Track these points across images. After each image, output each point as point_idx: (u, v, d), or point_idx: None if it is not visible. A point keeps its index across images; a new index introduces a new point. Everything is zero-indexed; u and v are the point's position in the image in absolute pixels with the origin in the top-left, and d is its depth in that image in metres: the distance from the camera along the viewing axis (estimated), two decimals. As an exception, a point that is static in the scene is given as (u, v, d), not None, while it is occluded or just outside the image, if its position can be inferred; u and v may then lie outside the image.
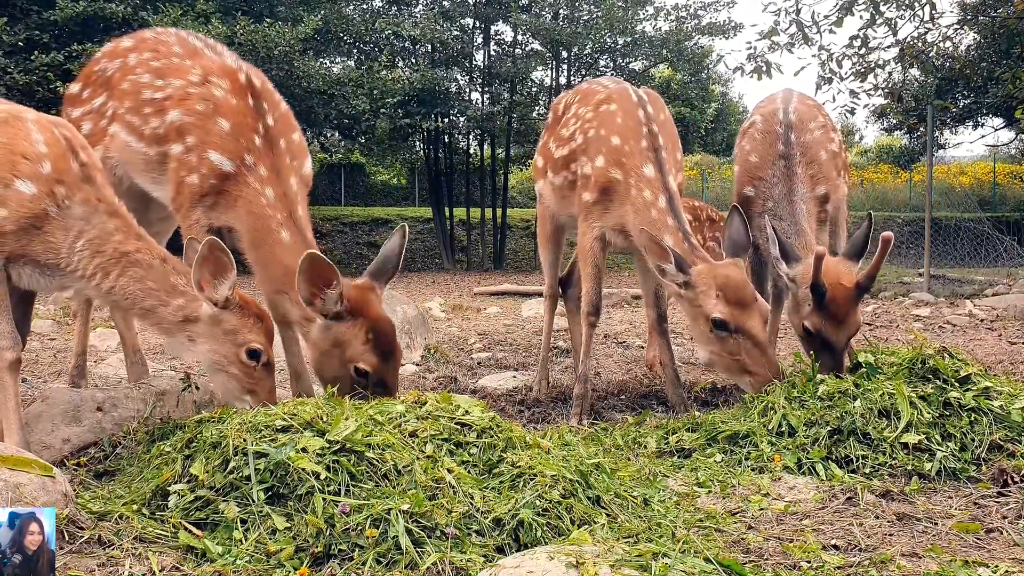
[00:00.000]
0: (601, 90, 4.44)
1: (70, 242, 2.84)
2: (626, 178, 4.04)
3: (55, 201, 2.82)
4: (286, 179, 3.44)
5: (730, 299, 3.60)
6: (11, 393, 2.83)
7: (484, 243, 21.47)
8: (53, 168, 2.82)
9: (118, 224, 2.90)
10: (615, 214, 4.10)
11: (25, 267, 2.86)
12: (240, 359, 2.96)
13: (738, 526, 2.54)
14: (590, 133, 4.23)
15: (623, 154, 4.07)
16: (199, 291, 2.89)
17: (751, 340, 3.60)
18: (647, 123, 4.12)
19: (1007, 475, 2.86)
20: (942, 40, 12.40)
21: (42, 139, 2.84)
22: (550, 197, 4.65)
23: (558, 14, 20.43)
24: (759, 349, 3.60)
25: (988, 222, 15.59)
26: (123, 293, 2.90)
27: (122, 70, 3.77)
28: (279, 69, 14.44)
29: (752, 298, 3.63)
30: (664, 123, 4.24)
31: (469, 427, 2.65)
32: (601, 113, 4.26)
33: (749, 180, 4.34)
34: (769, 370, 3.58)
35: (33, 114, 2.97)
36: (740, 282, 3.65)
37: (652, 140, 4.07)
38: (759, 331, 3.61)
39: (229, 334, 2.95)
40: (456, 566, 2.12)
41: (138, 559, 2.18)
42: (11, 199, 2.76)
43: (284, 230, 3.35)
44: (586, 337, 4.27)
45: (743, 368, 3.65)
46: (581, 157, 4.25)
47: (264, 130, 3.47)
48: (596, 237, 4.19)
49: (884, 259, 3.65)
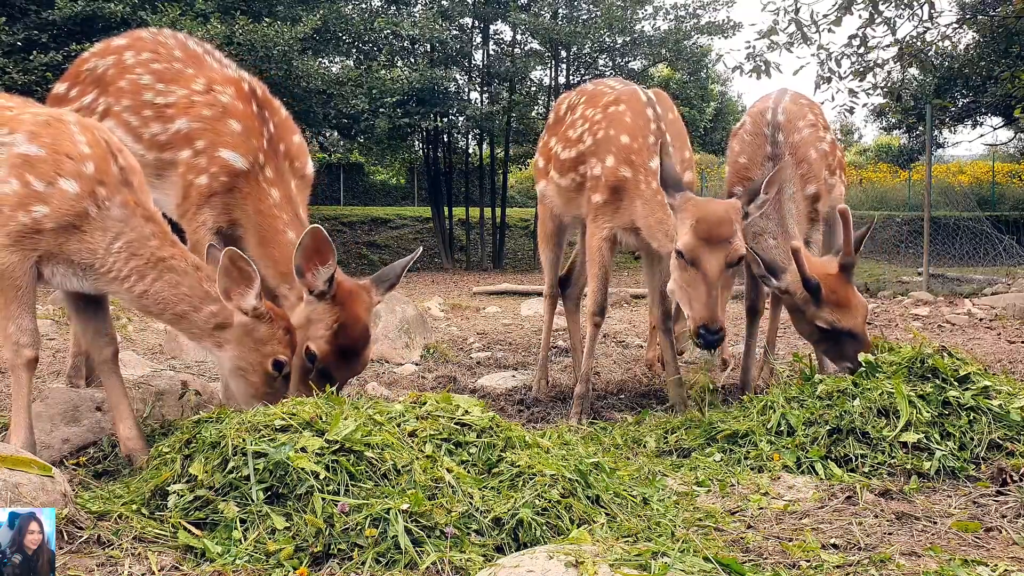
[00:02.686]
0: (608, 91, 4.45)
1: (107, 243, 2.86)
2: (635, 175, 4.05)
3: (96, 202, 2.84)
4: (288, 182, 3.55)
5: (700, 232, 3.55)
6: (25, 391, 2.85)
7: (483, 242, 21.46)
8: (96, 169, 2.85)
9: (154, 229, 2.93)
10: (626, 213, 4.12)
11: (59, 266, 2.87)
12: (265, 368, 2.99)
13: (737, 525, 2.54)
14: (599, 135, 4.24)
15: (632, 151, 4.09)
16: (227, 300, 2.92)
17: (702, 276, 3.56)
18: (656, 120, 4.15)
19: (1006, 474, 2.86)
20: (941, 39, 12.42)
21: (84, 140, 2.87)
22: (554, 198, 4.64)
23: (557, 13, 20.43)
24: (706, 287, 3.55)
25: (987, 221, 15.58)
26: (156, 298, 2.93)
27: (117, 67, 3.77)
28: (278, 69, 14.41)
29: (723, 237, 3.56)
30: (673, 122, 4.28)
31: (468, 427, 2.65)
32: (610, 114, 4.27)
33: (739, 180, 4.36)
34: (706, 311, 3.53)
35: (74, 116, 3.01)
36: (717, 219, 3.57)
37: (660, 136, 4.08)
38: (712, 270, 3.55)
39: (259, 343, 2.98)
40: (455, 565, 2.12)
41: (137, 559, 2.18)
42: (54, 197, 2.78)
43: (291, 230, 3.44)
44: (590, 337, 4.28)
45: (688, 301, 3.63)
46: (591, 159, 4.26)
47: (268, 135, 3.57)
48: (605, 238, 4.19)
49: (851, 232, 3.71)
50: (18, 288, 2.80)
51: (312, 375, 3.25)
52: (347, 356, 3.28)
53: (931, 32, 11.75)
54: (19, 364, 2.83)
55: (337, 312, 3.24)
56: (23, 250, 2.79)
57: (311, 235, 3.13)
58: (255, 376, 3.00)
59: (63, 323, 7.03)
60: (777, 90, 4.72)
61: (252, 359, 2.98)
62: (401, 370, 5.46)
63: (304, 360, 3.24)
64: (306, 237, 3.14)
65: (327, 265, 3.18)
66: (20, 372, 2.83)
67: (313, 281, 3.22)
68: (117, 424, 2.99)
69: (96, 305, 3.09)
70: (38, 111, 2.98)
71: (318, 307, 3.25)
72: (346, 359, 3.28)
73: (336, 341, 3.23)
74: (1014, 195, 27.85)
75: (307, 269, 3.20)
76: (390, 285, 3.48)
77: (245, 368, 3.00)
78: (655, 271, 4.29)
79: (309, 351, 3.23)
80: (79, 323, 3.13)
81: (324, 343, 3.23)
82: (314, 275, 3.20)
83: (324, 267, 3.18)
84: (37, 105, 3.11)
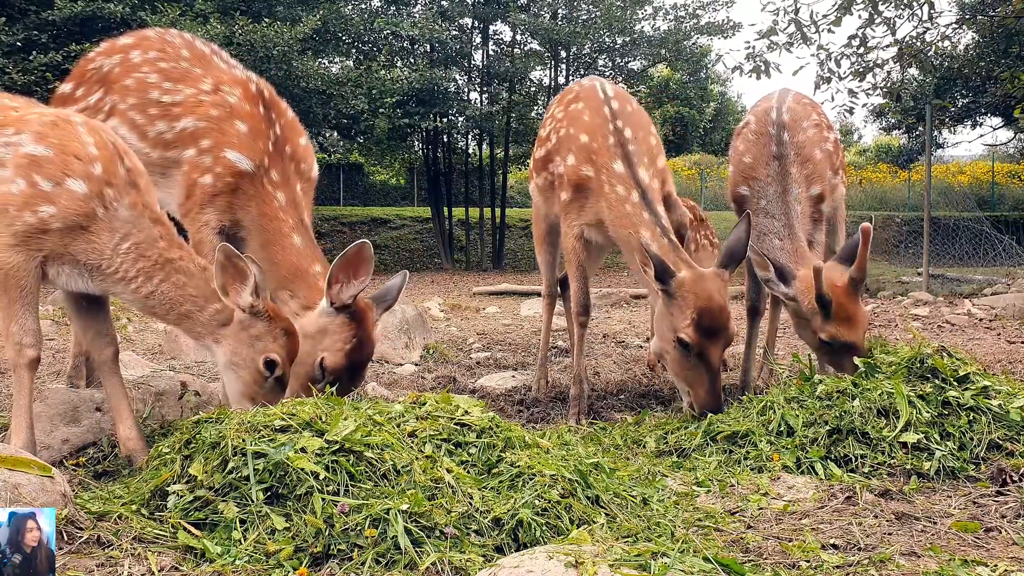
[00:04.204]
0: (574, 89, 4.50)
1: (114, 244, 2.87)
2: (598, 175, 4.04)
3: (103, 203, 2.85)
4: (294, 185, 3.56)
5: (702, 326, 3.57)
6: (26, 391, 2.85)
7: (483, 243, 21.47)
8: (104, 170, 2.86)
9: (162, 231, 2.94)
10: (591, 211, 4.11)
11: (64, 266, 2.88)
12: (257, 365, 2.99)
13: (737, 525, 2.54)
14: (561, 132, 4.27)
15: (592, 151, 4.08)
16: (225, 297, 2.93)
17: (706, 367, 3.63)
18: (612, 119, 4.12)
19: (1006, 474, 2.86)
20: (940, 39, 12.42)
21: (92, 141, 2.88)
22: (538, 198, 4.69)
23: (557, 14, 20.43)
24: (710, 378, 3.63)
25: (987, 221, 15.58)
26: (162, 299, 2.94)
27: (123, 66, 3.77)
28: (278, 69, 14.42)
29: (722, 325, 3.61)
30: (632, 114, 4.23)
31: (468, 427, 2.65)
32: (570, 112, 4.30)
33: (744, 180, 4.35)
34: (711, 399, 3.62)
35: (80, 117, 3.02)
36: (717, 308, 3.59)
37: (618, 136, 4.06)
38: (715, 361, 3.63)
39: (252, 339, 2.98)
40: (455, 566, 2.12)
41: (137, 559, 2.18)
42: (62, 197, 2.79)
43: (296, 234, 3.46)
44: (578, 337, 4.27)
45: (689, 385, 3.69)
46: (556, 157, 4.29)
47: (274, 137, 3.58)
48: (576, 236, 4.20)
49: (868, 250, 3.70)
50: (22, 288, 2.80)
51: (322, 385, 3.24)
52: (355, 372, 3.32)
53: (931, 32, 11.76)
54: (21, 364, 2.83)
55: (355, 328, 3.27)
56: (28, 250, 2.79)
57: (358, 249, 3.18)
58: (247, 372, 2.99)
59: (63, 323, 7.03)
60: (779, 90, 4.71)
61: (245, 354, 2.99)
62: (401, 370, 5.46)
63: (315, 371, 3.25)
64: (352, 249, 3.18)
65: (359, 281, 3.22)
66: (22, 372, 2.84)
67: (340, 293, 3.23)
68: (117, 424, 2.99)
69: (97, 306, 3.09)
70: (44, 111, 2.98)
71: (336, 320, 3.27)
72: (354, 374, 3.33)
73: (351, 357, 3.26)
74: (1014, 195, 27.87)
75: (338, 281, 3.22)
76: (387, 306, 3.52)
77: (238, 363, 3.00)
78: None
79: (323, 363, 3.24)
80: (79, 324, 3.13)
81: (341, 356, 3.25)
82: (343, 287, 3.22)
83: (357, 281, 3.22)
84: (41, 106, 3.11)
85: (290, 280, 3.41)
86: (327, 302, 3.28)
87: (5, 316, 2.82)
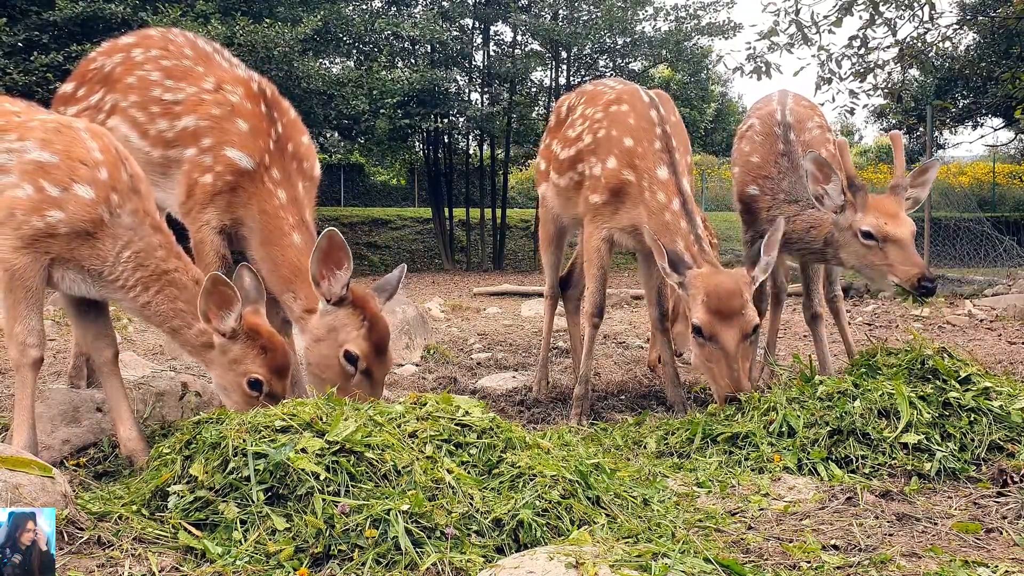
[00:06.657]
0: (609, 91, 4.42)
1: (117, 252, 2.88)
2: (639, 180, 4.02)
3: (109, 208, 2.86)
4: (295, 184, 3.54)
5: (711, 307, 3.61)
6: (29, 391, 2.86)
7: (484, 243, 21.47)
8: (109, 175, 2.87)
9: (161, 240, 2.95)
10: (627, 216, 4.09)
11: (68, 271, 2.89)
12: (242, 387, 2.98)
13: (738, 526, 2.54)
14: (600, 133, 4.20)
15: (636, 155, 4.05)
16: (206, 322, 2.92)
17: (722, 351, 3.63)
18: (660, 123, 4.11)
19: (1007, 475, 2.86)
20: (941, 40, 12.41)
21: (96, 147, 2.89)
22: (553, 199, 4.63)
23: (557, 14, 20.44)
24: (727, 361, 3.63)
25: (987, 222, 15.56)
26: (156, 310, 2.95)
27: (125, 65, 3.77)
28: (279, 70, 14.42)
29: (733, 308, 3.62)
30: (675, 125, 4.23)
31: (469, 427, 2.65)
32: (612, 114, 4.23)
33: (752, 180, 4.35)
34: (730, 383, 3.61)
35: (83, 123, 3.03)
36: (727, 292, 3.62)
37: (666, 141, 4.06)
38: (730, 343, 3.62)
39: (232, 363, 2.98)
40: (456, 566, 2.12)
41: (138, 560, 2.18)
42: (69, 203, 2.80)
43: (296, 233, 3.44)
44: (588, 338, 4.27)
45: (712, 375, 3.70)
46: (590, 158, 4.23)
47: (276, 136, 3.56)
48: (604, 238, 4.17)
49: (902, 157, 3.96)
50: (28, 289, 2.82)
51: (356, 378, 3.23)
52: (381, 351, 3.29)
53: (931, 33, 11.75)
54: (25, 364, 2.84)
55: (361, 312, 3.26)
56: (35, 252, 2.81)
57: (327, 238, 3.12)
58: (236, 395, 3.00)
59: (63, 323, 7.03)
60: (778, 92, 4.71)
61: (229, 379, 3.00)
62: (401, 371, 5.46)
63: (345, 365, 3.22)
64: (322, 240, 3.13)
65: (343, 269, 3.18)
66: (25, 372, 2.85)
67: (330, 289, 3.22)
68: (117, 425, 2.99)
69: (97, 308, 3.10)
70: (46, 117, 2.99)
71: (339, 313, 3.25)
72: (382, 354, 3.29)
73: (371, 337, 3.24)
74: (1014, 196, 27.86)
75: (322, 276, 3.19)
76: (388, 296, 3.51)
77: (225, 387, 3.02)
78: (653, 271, 4.28)
79: (349, 354, 3.21)
80: (79, 325, 3.13)
81: (362, 341, 3.22)
82: (330, 282, 3.20)
83: (341, 271, 3.19)
84: (43, 110, 3.12)
85: (291, 281, 3.40)
86: (323, 301, 3.28)
87: (10, 316, 2.83)
